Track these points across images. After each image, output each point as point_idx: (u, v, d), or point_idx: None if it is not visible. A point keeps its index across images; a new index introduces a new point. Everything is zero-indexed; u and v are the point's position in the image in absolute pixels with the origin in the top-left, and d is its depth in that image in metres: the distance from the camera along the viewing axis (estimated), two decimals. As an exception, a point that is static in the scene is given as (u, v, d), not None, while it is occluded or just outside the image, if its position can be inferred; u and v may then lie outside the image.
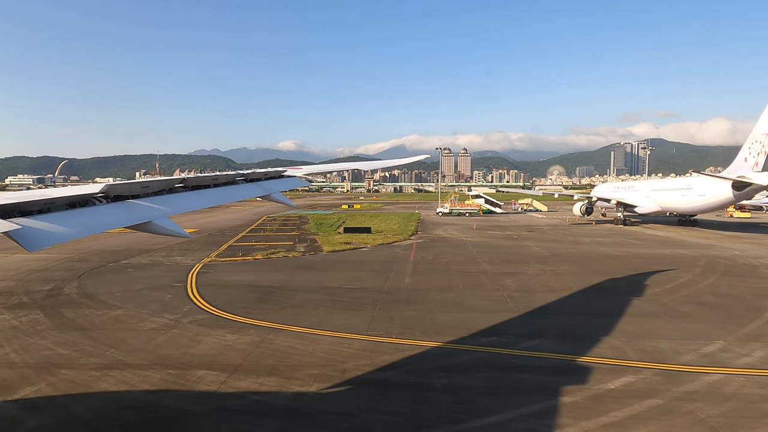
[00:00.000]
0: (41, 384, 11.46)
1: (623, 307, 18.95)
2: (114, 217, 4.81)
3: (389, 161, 14.63)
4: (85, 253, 35.36)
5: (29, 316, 17.76)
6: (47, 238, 3.97)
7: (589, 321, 17.02)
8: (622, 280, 24.81)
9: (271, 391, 11.01)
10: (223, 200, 6.42)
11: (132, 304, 19.60)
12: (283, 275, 26.32)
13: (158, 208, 5.32)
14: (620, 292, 21.59)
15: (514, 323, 16.71)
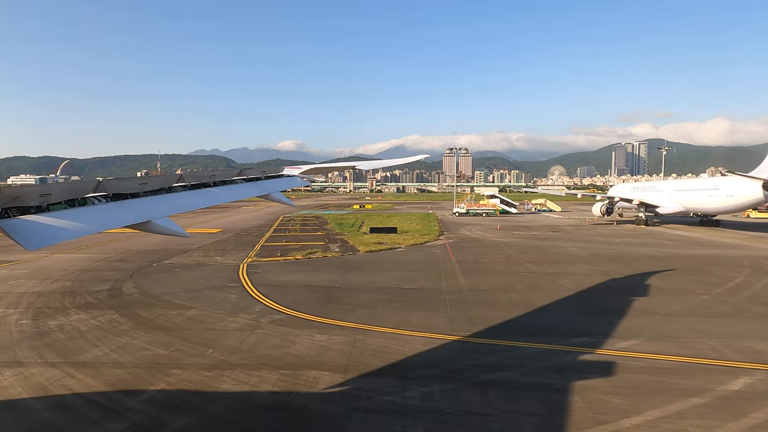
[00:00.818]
0: (161, 384, 11.44)
1: (695, 307, 18.98)
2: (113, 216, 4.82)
3: (389, 161, 14.62)
4: (123, 253, 35.33)
5: (106, 316, 17.73)
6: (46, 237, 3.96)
7: (670, 322, 17.01)
8: (673, 280, 24.78)
9: (396, 391, 10.99)
10: (223, 200, 6.40)
11: (201, 304, 19.57)
12: (333, 275, 26.28)
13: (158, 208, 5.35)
14: (682, 292, 21.59)
15: (595, 324, 16.69)
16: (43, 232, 3.97)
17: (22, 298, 20.66)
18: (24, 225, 3.95)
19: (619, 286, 23.18)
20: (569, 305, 19.48)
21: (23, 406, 10.27)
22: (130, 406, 10.32)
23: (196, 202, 6.01)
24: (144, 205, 5.30)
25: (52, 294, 21.62)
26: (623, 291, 22.07)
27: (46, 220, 4.22)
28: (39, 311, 18.49)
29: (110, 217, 4.79)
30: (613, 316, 17.72)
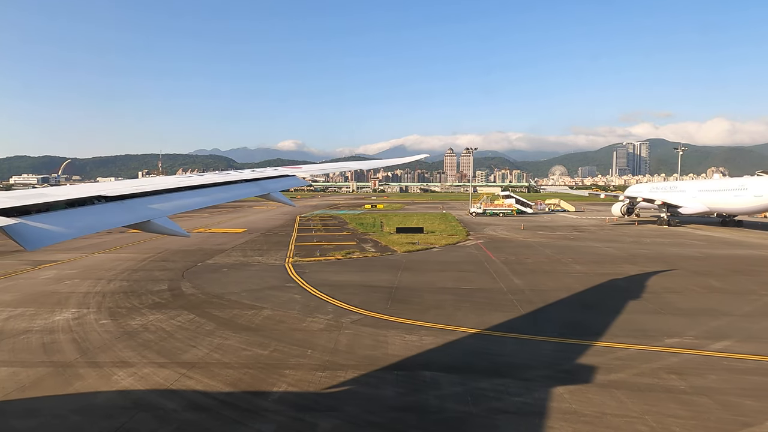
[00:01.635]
0: (282, 384, 11.41)
1: (766, 307, 19.00)
2: (113, 216, 4.81)
3: (390, 160, 14.44)
4: (161, 252, 35.32)
5: (183, 317, 17.68)
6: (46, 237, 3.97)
7: (751, 322, 17.00)
8: (729, 280, 24.73)
9: (522, 392, 10.97)
10: (223, 199, 6.44)
11: (270, 305, 19.51)
12: (385, 275, 26.21)
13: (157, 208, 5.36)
14: (745, 293, 21.61)
15: (677, 324, 16.67)
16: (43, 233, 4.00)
17: (88, 298, 20.61)
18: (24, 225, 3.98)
19: (678, 287, 23.14)
20: (640, 306, 19.44)
21: (156, 406, 10.22)
22: (264, 406, 10.28)
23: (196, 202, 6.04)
24: (144, 205, 5.32)
25: (115, 294, 21.56)
26: (683, 291, 22.03)
27: (46, 220, 4.24)
28: (113, 311, 18.43)
29: (110, 217, 4.80)
30: (689, 316, 17.70)
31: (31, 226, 4.05)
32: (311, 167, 10.09)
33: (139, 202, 5.35)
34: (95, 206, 4.88)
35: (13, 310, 18.52)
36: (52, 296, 20.98)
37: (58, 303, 19.74)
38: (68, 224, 4.35)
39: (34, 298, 20.68)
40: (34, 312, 18.26)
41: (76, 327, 16.29)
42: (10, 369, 12.40)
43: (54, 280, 24.77)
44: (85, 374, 12.01)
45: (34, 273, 26.84)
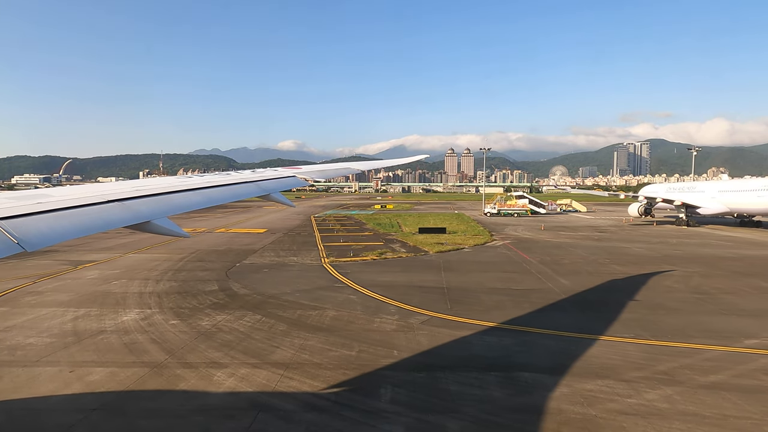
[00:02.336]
0: (388, 386, 11.37)
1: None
2: (113, 217, 4.81)
3: (390, 161, 14.42)
4: (193, 252, 35.29)
5: (250, 317, 17.63)
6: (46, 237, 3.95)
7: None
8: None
9: (631, 393, 10.96)
10: (222, 200, 6.44)
11: (330, 305, 19.46)
12: (429, 276, 26.18)
13: (157, 208, 5.39)
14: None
15: (747, 324, 16.67)
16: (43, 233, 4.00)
17: (145, 299, 20.56)
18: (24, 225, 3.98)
19: (728, 287, 23.11)
20: (700, 307, 19.43)
21: (273, 407, 10.19)
22: (380, 407, 10.24)
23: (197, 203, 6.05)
24: (143, 205, 5.35)
25: (169, 294, 21.52)
26: (736, 292, 22.03)
27: (46, 220, 4.24)
28: (177, 312, 18.38)
29: (110, 217, 4.79)
30: (754, 317, 17.71)
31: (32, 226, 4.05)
32: (311, 167, 10.06)
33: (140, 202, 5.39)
34: (95, 207, 4.89)
35: (76, 311, 18.47)
36: (108, 296, 20.93)
37: (117, 303, 19.69)
38: (68, 224, 4.35)
39: (90, 298, 20.63)
40: (98, 312, 18.21)
41: (148, 327, 16.24)
42: (106, 369, 12.36)
43: (101, 280, 24.72)
44: (184, 375, 11.97)
45: (78, 273, 26.79)
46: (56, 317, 17.51)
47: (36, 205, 4.55)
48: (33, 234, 3.92)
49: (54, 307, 19.07)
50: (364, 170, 11.91)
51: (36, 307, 19.06)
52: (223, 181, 7.20)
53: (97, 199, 5.09)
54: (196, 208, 5.97)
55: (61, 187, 5.98)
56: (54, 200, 4.86)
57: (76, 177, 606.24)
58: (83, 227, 4.43)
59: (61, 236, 4.15)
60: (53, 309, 18.72)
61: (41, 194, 5.26)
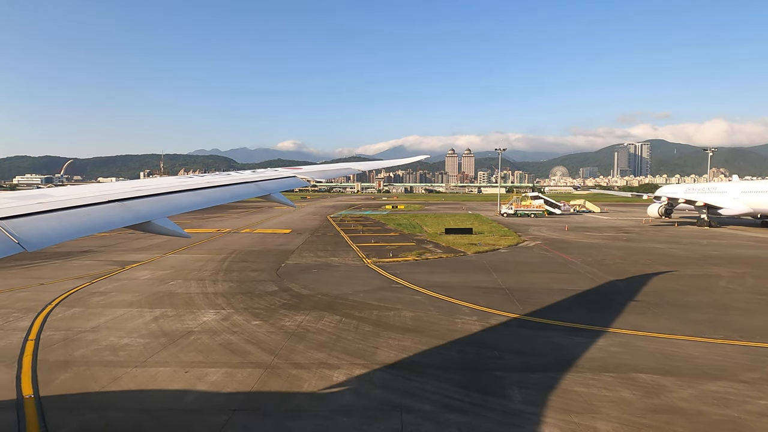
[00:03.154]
0: (514, 387, 11.34)
1: None
2: (114, 217, 4.84)
3: (391, 161, 14.42)
4: (231, 253, 35.35)
5: (329, 317, 17.54)
6: (46, 237, 3.97)
7: None
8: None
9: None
10: (223, 200, 6.45)
11: (402, 305, 19.34)
12: (481, 276, 26.13)
13: (157, 208, 5.42)
14: None
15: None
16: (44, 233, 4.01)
17: (212, 299, 20.51)
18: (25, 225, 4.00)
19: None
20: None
21: (412, 408, 10.15)
22: (519, 408, 10.21)
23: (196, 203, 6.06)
24: (144, 205, 5.37)
25: (234, 294, 21.47)
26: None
27: (46, 220, 4.26)
28: (253, 312, 18.32)
29: (110, 217, 4.81)
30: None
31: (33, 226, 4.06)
32: (312, 168, 10.03)
33: (140, 202, 5.41)
34: (95, 207, 4.90)
35: (151, 311, 18.43)
36: (174, 297, 20.87)
37: (188, 304, 19.64)
38: (69, 224, 4.35)
39: (157, 298, 20.57)
40: (174, 313, 18.16)
41: (234, 328, 16.20)
42: (220, 369, 12.32)
43: (156, 280, 24.67)
44: (301, 375, 11.94)
45: (129, 274, 26.75)
46: (135, 317, 17.45)
47: (36, 205, 4.56)
48: (34, 234, 3.93)
49: (126, 307, 19.01)
50: (365, 170, 11.92)
51: (109, 307, 19.01)
52: (223, 181, 7.20)
53: (97, 199, 5.11)
54: (197, 208, 5.98)
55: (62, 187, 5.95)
56: (54, 200, 4.87)
57: (76, 177, 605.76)
58: (84, 227, 4.43)
59: (62, 236, 4.16)
60: (127, 309, 18.66)
61: (42, 194, 5.27)
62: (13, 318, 17.33)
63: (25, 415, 9.81)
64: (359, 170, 11.19)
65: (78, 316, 17.66)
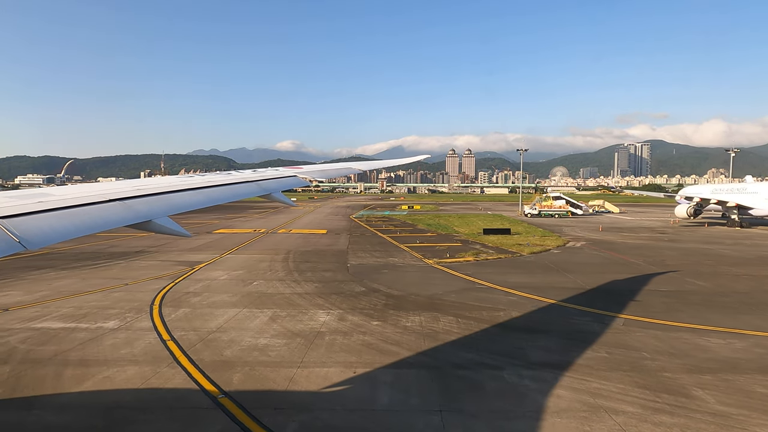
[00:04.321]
0: (697, 390, 11.35)
1: None
2: (114, 216, 4.84)
3: (391, 161, 14.40)
4: (285, 253, 35.32)
5: (444, 317, 17.47)
6: (47, 236, 4.00)
7: None
8: None
9: None
10: (224, 199, 6.47)
11: (503, 306, 19.31)
12: (555, 277, 25.93)
13: (158, 207, 5.42)
14: None
15: None
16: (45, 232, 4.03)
17: (310, 299, 20.39)
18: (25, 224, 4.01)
19: None
20: None
21: (619, 410, 10.14)
22: (720, 410, 10.23)
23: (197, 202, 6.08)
24: (144, 204, 5.37)
25: (327, 294, 21.38)
26: None
27: (47, 219, 4.26)
28: (363, 313, 18.23)
29: (111, 216, 4.81)
30: None
31: (33, 225, 4.07)
32: (312, 167, 9.99)
33: (141, 201, 5.41)
34: (96, 206, 4.90)
35: (260, 311, 18.37)
36: (271, 297, 20.79)
37: (290, 305, 19.56)
38: (69, 223, 4.36)
39: (254, 299, 20.49)
40: (285, 313, 18.08)
41: (358, 328, 16.12)
42: (387, 370, 12.27)
43: (238, 280, 24.60)
44: (470, 376, 11.87)
45: (202, 274, 26.67)
46: (251, 318, 17.39)
47: (37, 204, 4.56)
48: (34, 233, 3.94)
49: (232, 307, 18.95)
50: (365, 170, 11.92)
51: (215, 307, 18.95)
52: (224, 180, 7.19)
53: (98, 198, 5.11)
54: (198, 207, 5.99)
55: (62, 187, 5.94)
56: (55, 199, 4.87)
57: (76, 177, 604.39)
58: (84, 226, 4.44)
59: (63, 235, 4.16)
60: (236, 309, 18.60)
61: (42, 193, 5.25)
62: (130, 318, 17.25)
63: (235, 415, 9.76)
64: (360, 170, 11.15)
65: (192, 316, 17.58)
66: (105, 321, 16.88)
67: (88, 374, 12.00)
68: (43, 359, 13.09)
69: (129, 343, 14.51)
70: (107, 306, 19.09)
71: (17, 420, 9.68)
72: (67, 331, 15.66)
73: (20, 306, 19.09)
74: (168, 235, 5.23)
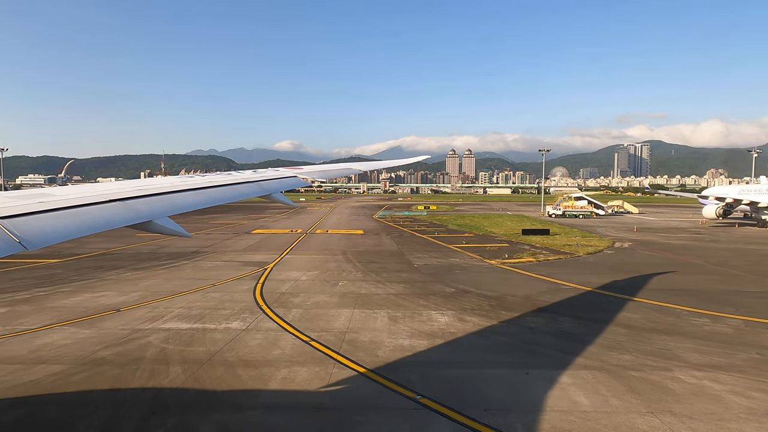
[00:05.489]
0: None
1: None
2: (114, 216, 4.84)
3: (392, 161, 14.39)
4: (342, 253, 35.33)
5: (566, 320, 17.35)
6: (47, 236, 4.02)
7: None
8: None
9: None
10: (224, 200, 6.49)
11: (630, 309, 19.18)
12: (629, 278, 25.98)
13: (158, 207, 5.42)
14: None
15: None
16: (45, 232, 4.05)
17: (414, 300, 20.37)
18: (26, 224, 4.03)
19: None
20: None
21: None
22: None
23: (198, 202, 6.09)
24: (145, 205, 5.37)
25: (425, 296, 21.25)
26: None
27: (48, 219, 4.28)
28: (478, 314, 18.17)
29: (111, 216, 4.81)
30: None
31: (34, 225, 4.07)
32: (313, 168, 9.97)
33: (141, 202, 5.42)
34: (96, 206, 4.90)
35: (372, 312, 18.26)
36: (370, 298, 20.65)
37: (395, 305, 19.44)
38: (70, 223, 4.36)
39: (354, 299, 20.39)
40: (399, 314, 18.02)
41: (485, 329, 16.14)
42: (558, 372, 12.28)
43: (322, 281, 24.50)
44: (650, 378, 11.92)
45: (281, 274, 26.60)
46: (369, 318, 17.30)
47: (38, 204, 4.56)
48: (35, 233, 3.95)
49: (339, 308, 18.85)
50: (366, 171, 11.83)
51: (322, 308, 18.84)
52: (224, 180, 7.18)
53: (98, 199, 5.10)
54: (198, 207, 5.98)
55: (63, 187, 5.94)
56: (55, 199, 4.87)
57: (75, 177, 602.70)
58: (85, 226, 4.44)
59: (63, 235, 4.16)
60: (346, 310, 18.52)
61: (42, 193, 5.25)
62: (250, 319, 17.20)
63: (452, 416, 9.74)
64: (360, 170, 11.14)
65: (310, 317, 17.51)
66: (227, 322, 16.82)
67: (264, 374, 11.95)
68: (202, 359, 13.03)
69: (273, 343, 14.47)
70: (215, 306, 19.03)
71: (240, 420, 9.65)
72: (200, 332, 15.60)
73: (129, 307, 19.00)
74: (169, 235, 5.20)
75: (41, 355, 13.43)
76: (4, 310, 18.60)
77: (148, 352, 13.69)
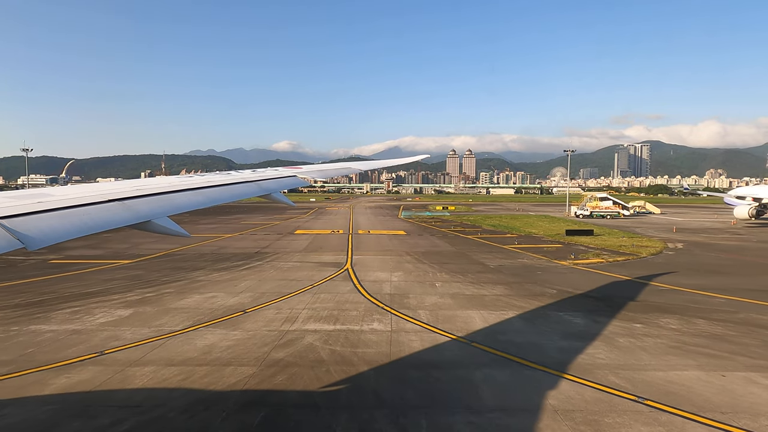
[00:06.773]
0: None
1: None
2: (114, 216, 4.86)
3: (391, 161, 14.42)
4: (406, 254, 35.28)
5: (693, 320, 17.62)
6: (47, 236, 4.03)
7: None
8: None
9: None
10: (223, 200, 6.49)
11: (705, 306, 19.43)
12: (712, 279, 26.08)
13: (158, 207, 5.44)
14: None
15: None
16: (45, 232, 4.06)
17: (521, 302, 20.38)
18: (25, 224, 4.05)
19: None
20: None
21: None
22: None
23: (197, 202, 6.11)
24: (144, 204, 5.38)
25: (532, 297, 21.31)
26: None
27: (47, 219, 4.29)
28: (600, 313, 18.31)
29: (111, 216, 4.83)
30: None
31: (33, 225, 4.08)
32: (312, 167, 9.98)
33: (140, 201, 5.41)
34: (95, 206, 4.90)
35: (499, 313, 18.39)
36: (481, 299, 20.73)
37: (514, 307, 19.50)
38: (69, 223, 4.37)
39: (468, 300, 20.47)
40: (529, 316, 18.10)
41: (624, 330, 16.21)
42: (740, 374, 12.37)
43: (415, 282, 24.63)
44: None
45: (369, 275, 26.73)
46: (507, 321, 17.39)
47: (37, 204, 4.56)
48: (34, 233, 3.96)
49: (462, 309, 19.00)
50: (365, 170, 11.97)
51: (445, 309, 18.97)
52: (223, 180, 7.17)
53: (98, 199, 5.09)
54: (198, 207, 5.99)
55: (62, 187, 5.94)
56: (55, 199, 4.87)
57: (75, 177, 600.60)
58: (84, 226, 4.44)
59: (63, 235, 4.17)
60: (473, 311, 18.64)
61: (42, 193, 5.22)
62: (385, 320, 17.26)
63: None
64: (360, 170, 11.16)
65: (443, 318, 17.62)
66: (365, 323, 16.92)
67: (460, 376, 11.99)
68: (381, 360, 13.10)
69: (435, 345, 14.53)
70: (337, 308, 19.10)
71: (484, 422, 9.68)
72: (352, 333, 15.68)
73: (252, 308, 19.01)
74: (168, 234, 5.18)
75: (217, 356, 13.43)
76: (129, 311, 18.56)
77: (319, 353, 13.72)
